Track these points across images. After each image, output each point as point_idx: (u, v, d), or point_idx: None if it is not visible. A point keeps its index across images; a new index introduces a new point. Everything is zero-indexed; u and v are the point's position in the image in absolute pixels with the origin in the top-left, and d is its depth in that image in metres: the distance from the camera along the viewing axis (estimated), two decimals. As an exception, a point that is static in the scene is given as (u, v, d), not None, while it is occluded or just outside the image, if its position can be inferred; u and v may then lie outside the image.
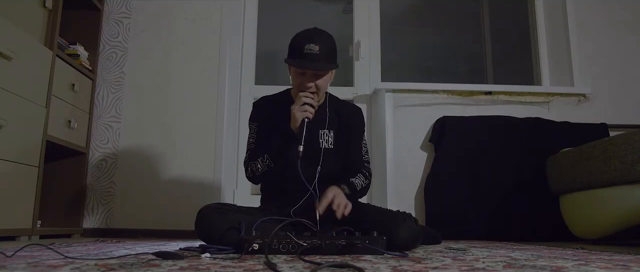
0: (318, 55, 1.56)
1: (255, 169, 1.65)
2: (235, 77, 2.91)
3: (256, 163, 1.65)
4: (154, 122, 2.77)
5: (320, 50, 1.56)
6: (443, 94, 2.92)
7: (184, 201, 2.66)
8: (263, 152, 1.64)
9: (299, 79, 1.62)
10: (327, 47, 1.59)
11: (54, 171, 2.55)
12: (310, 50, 1.55)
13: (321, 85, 1.62)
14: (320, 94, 1.66)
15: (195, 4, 2.91)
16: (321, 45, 1.57)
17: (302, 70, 1.59)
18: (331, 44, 1.62)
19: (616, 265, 1.03)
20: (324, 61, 1.58)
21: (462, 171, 2.71)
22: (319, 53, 1.55)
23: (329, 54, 1.60)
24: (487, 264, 1.01)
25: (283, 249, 1.25)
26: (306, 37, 1.58)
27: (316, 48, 1.55)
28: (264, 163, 1.63)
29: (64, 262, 0.98)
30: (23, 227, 2.06)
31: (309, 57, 1.55)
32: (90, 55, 2.71)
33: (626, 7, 3.09)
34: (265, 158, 1.63)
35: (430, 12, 3.77)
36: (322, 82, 1.62)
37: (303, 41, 1.57)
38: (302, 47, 1.56)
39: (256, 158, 1.66)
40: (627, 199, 1.97)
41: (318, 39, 1.58)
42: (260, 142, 1.71)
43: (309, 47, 1.55)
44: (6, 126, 1.90)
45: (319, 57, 1.56)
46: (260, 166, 1.64)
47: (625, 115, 2.92)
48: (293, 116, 1.57)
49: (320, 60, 1.57)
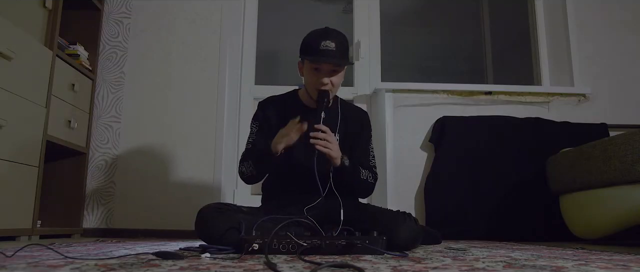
0: (334, 52, 1.58)
1: (245, 170, 1.67)
2: (235, 77, 2.91)
3: (247, 163, 1.66)
4: (154, 122, 2.77)
5: (336, 47, 1.58)
6: (443, 94, 2.92)
7: (184, 201, 2.66)
8: (249, 158, 1.66)
9: (315, 76, 1.62)
10: (343, 45, 1.62)
11: (54, 171, 2.55)
12: (327, 47, 1.57)
13: (336, 83, 1.63)
14: (335, 91, 1.67)
15: (195, 4, 2.91)
16: (337, 42, 1.59)
17: (319, 65, 1.60)
18: (346, 41, 1.65)
19: (616, 265, 1.03)
20: (340, 57, 1.60)
21: (462, 171, 2.71)
22: (335, 50, 1.58)
23: (344, 51, 1.63)
24: (487, 264, 1.01)
25: (283, 249, 1.25)
26: (322, 34, 1.61)
27: (332, 45, 1.57)
28: (248, 168, 1.65)
29: (64, 262, 0.98)
30: (23, 227, 2.06)
31: (325, 54, 1.57)
32: (90, 55, 2.71)
33: (626, 7, 3.09)
34: (250, 164, 1.64)
35: (430, 12, 3.77)
36: (337, 79, 1.63)
37: (319, 38, 1.59)
38: (318, 44, 1.58)
39: (247, 159, 1.67)
40: (627, 199, 1.97)
41: (333, 36, 1.60)
42: (254, 145, 1.72)
43: (325, 44, 1.57)
44: (6, 126, 1.90)
45: (335, 54, 1.58)
46: (246, 169, 1.66)
47: (625, 115, 2.92)
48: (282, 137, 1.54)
49: (337, 56, 1.58)
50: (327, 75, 1.61)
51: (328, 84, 1.60)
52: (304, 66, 1.67)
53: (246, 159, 1.67)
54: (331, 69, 1.60)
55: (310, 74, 1.64)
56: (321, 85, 1.60)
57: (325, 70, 1.60)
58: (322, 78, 1.60)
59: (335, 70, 1.61)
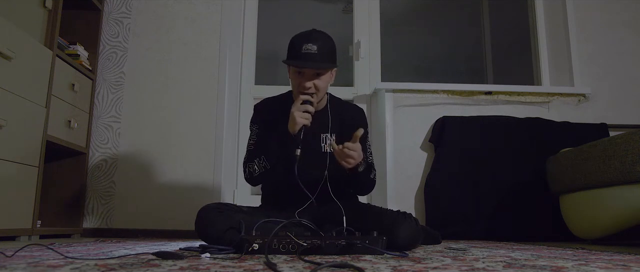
0: (316, 55, 1.54)
1: (253, 170, 1.63)
2: (235, 77, 2.91)
3: (253, 164, 1.63)
4: (154, 122, 2.77)
5: (318, 50, 1.54)
6: (443, 94, 2.92)
7: (184, 201, 2.66)
8: (260, 154, 1.62)
9: (297, 80, 1.59)
10: (326, 47, 1.58)
11: (54, 171, 2.55)
12: (309, 50, 1.53)
13: (320, 86, 1.59)
14: (320, 94, 1.63)
15: (195, 4, 2.91)
16: (319, 45, 1.55)
17: (301, 69, 1.57)
18: (330, 44, 1.61)
19: (616, 265, 1.03)
20: (322, 60, 1.56)
21: (462, 171, 2.71)
22: (317, 52, 1.54)
23: (328, 54, 1.58)
24: (487, 264, 1.01)
25: (283, 249, 1.25)
26: (304, 37, 1.57)
27: (314, 47, 1.54)
28: (261, 164, 1.61)
29: (64, 262, 0.98)
30: (23, 227, 2.06)
31: (307, 57, 1.54)
32: (90, 55, 2.71)
33: (626, 7, 3.09)
34: (262, 159, 1.60)
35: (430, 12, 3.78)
36: (322, 82, 1.59)
37: (301, 41, 1.56)
38: (300, 47, 1.55)
39: (253, 159, 1.64)
40: (627, 199, 1.97)
41: (316, 39, 1.56)
42: (259, 144, 1.70)
43: (306, 47, 1.53)
44: (6, 126, 1.90)
45: (317, 57, 1.54)
46: (257, 167, 1.62)
47: (625, 115, 2.92)
48: (292, 119, 1.54)
49: (319, 59, 1.55)
50: (311, 78, 1.58)
51: (311, 88, 1.57)
52: (289, 69, 1.64)
53: (254, 158, 1.63)
54: (314, 72, 1.57)
55: (294, 77, 1.62)
56: (304, 89, 1.57)
57: (308, 74, 1.57)
58: (305, 82, 1.57)
59: (319, 73, 1.58)
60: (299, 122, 1.53)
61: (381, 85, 2.88)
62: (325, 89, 1.65)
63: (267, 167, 1.61)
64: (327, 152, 1.70)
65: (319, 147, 1.71)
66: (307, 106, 1.54)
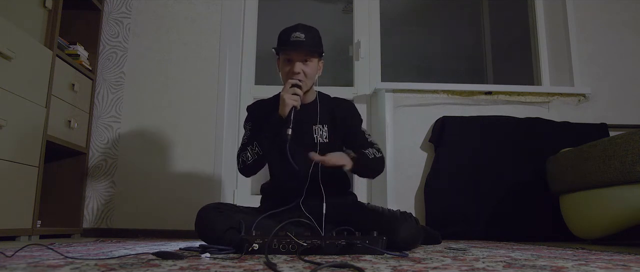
0: (304, 42, 1.64)
1: (246, 159, 1.65)
2: (235, 77, 2.91)
3: (246, 152, 1.65)
4: (154, 122, 2.77)
5: (306, 38, 1.64)
6: (443, 94, 2.92)
7: (184, 201, 2.66)
8: (253, 142, 1.65)
9: (287, 67, 1.67)
10: (313, 36, 1.68)
11: (54, 171, 2.55)
12: (297, 37, 1.64)
13: (308, 72, 1.67)
14: (308, 82, 1.69)
15: (195, 4, 2.91)
16: (307, 34, 1.65)
17: (290, 55, 1.65)
18: (316, 34, 1.71)
19: (616, 265, 1.03)
20: (309, 46, 1.65)
21: (462, 171, 2.71)
22: (304, 40, 1.64)
23: (315, 43, 1.68)
24: (487, 264, 1.01)
25: (283, 249, 1.25)
26: (292, 28, 1.68)
27: (302, 36, 1.64)
28: (253, 151, 1.64)
29: (64, 262, 0.98)
30: (23, 227, 2.06)
31: (296, 44, 1.64)
32: (90, 55, 2.71)
33: (626, 7, 3.09)
34: (255, 145, 1.64)
35: (430, 12, 3.78)
36: (309, 69, 1.67)
37: (289, 31, 1.66)
38: (289, 36, 1.65)
39: (246, 148, 1.67)
40: (627, 199, 1.97)
41: (303, 29, 1.67)
42: (252, 136, 1.72)
43: (295, 35, 1.64)
44: (6, 126, 1.90)
45: (305, 44, 1.64)
46: (250, 155, 1.65)
47: (625, 115, 2.92)
48: (282, 102, 1.61)
49: (307, 46, 1.65)
50: (299, 65, 1.65)
51: (300, 73, 1.64)
52: (279, 61, 1.72)
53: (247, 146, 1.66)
54: (302, 58, 1.65)
55: (284, 65, 1.69)
56: (293, 74, 1.64)
57: (297, 60, 1.65)
58: (294, 68, 1.64)
59: (307, 59, 1.66)
60: (288, 104, 1.59)
61: (381, 85, 2.88)
62: (313, 76, 1.70)
63: (259, 154, 1.63)
64: (319, 143, 1.71)
65: (311, 139, 1.72)
66: (295, 89, 1.62)
